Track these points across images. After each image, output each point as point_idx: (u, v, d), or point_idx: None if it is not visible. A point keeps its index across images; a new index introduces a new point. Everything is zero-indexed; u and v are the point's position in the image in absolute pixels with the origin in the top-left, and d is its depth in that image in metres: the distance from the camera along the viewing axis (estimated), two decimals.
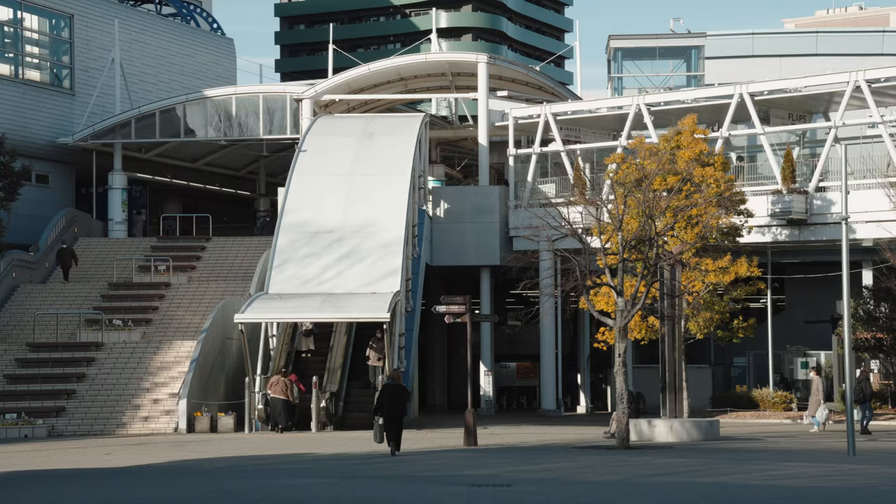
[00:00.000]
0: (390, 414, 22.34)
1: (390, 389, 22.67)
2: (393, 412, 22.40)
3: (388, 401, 22.47)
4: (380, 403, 22.70)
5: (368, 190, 35.72)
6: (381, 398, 22.79)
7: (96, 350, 34.38)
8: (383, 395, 22.67)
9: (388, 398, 22.47)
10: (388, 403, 22.46)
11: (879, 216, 34.78)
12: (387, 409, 22.41)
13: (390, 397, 22.46)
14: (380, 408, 22.60)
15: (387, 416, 22.31)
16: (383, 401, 22.54)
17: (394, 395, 22.49)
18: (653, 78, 49.07)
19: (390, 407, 22.42)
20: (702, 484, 17.92)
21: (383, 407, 22.47)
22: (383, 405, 22.48)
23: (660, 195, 28.43)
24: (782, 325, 44.56)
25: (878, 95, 36.36)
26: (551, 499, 15.60)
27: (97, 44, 47.55)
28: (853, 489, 17.24)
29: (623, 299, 25.59)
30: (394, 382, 22.99)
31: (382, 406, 22.50)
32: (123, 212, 46.29)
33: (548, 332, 41.69)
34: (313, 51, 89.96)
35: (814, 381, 30.96)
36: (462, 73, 44.13)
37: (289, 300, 32.15)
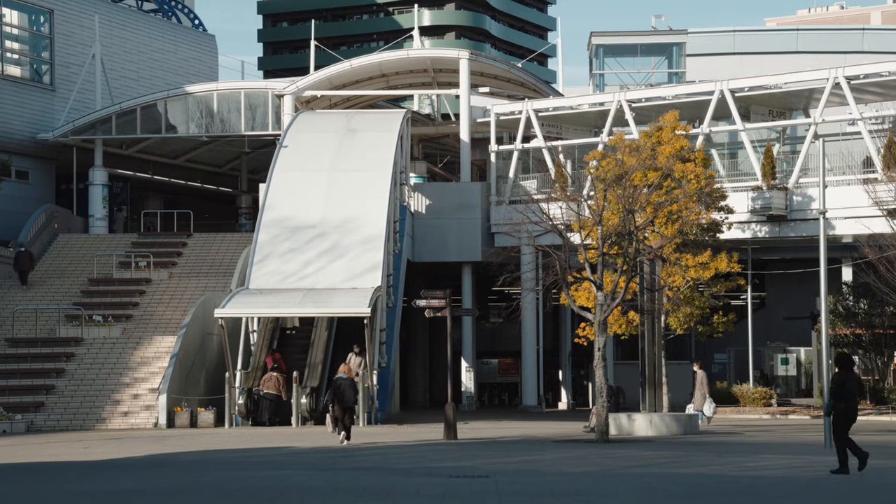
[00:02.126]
0: (341, 405, 23.89)
1: (340, 382, 24.19)
2: (343, 403, 23.93)
3: (338, 393, 24.00)
4: (330, 396, 24.41)
5: (350, 185, 35.70)
6: (331, 391, 24.45)
7: (76, 345, 34.26)
8: (334, 388, 24.30)
9: (338, 391, 24.01)
10: (338, 396, 23.99)
11: (858, 212, 34.95)
12: (337, 400, 23.96)
13: (342, 388, 24.00)
14: (330, 400, 24.31)
15: (338, 408, 23.90)
16: (333, 393, 24.17)
17: (344, 388, 24.04)
18: (634, 75, 49.18)
19: (341, 399, 23.96)
20: (679, 474, 17.99)
21: (334, 399, 24.07)
22: (334, 397, 24.11)
23: (640, 190, 28.49)
24: (762, 321, 44.81)
25: (858, 92, 36.54)
26: (528, 488, 15.63)
27: (77, 39, 47.35)
28: (828, 477, 17.34)
29: (602, 293, 25.65)
30: (344, 377, 24.41)
31: (333, 398, 24.10)
32: (104, 208, 46.11)
33: (529, 329, 41.76)
34: (296, 49, 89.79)
35: (698, 375, 30.94)
36: (444, 69, 44.14)
37: (269, 295, 32.11)
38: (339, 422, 24.04)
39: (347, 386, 24.12)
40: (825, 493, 15.73)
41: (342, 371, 24.77)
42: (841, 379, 17.75)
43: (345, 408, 23.90)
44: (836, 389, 17.77)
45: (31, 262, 39.57)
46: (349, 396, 24.00)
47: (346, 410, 23.96)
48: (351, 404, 24.07)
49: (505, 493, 15.01)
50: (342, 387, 24.05)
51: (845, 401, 17.62)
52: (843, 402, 17.62)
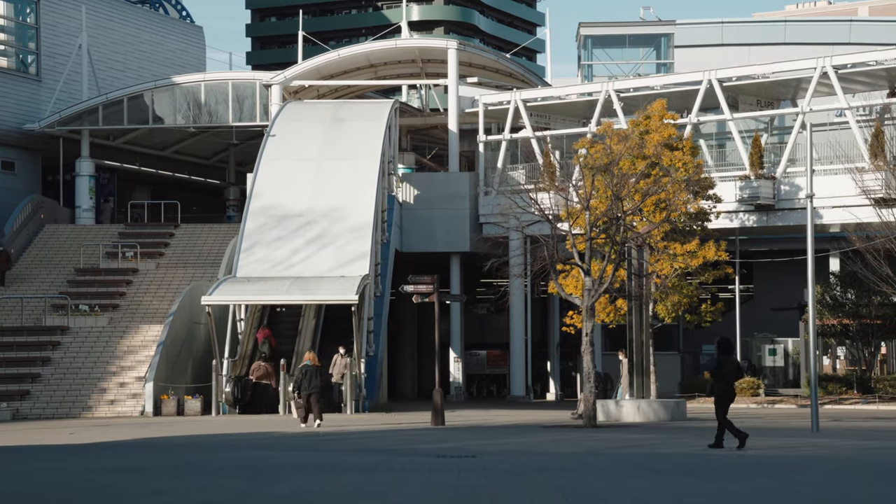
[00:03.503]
0: (308, 390, 24.68)
1: (307, 369, 25.02)
2: (310, 389, 24.72)
3: (305, 379, 24.81)
4: (297, 382, 25.16)
5: (337, 174, 35.62)
6: (299, 377, 25.19)
7: (62, 334, 34.10)
8: (301, 375, 25.08)
9: (305, 377, 24.84)
10: (306, 382, 24.80)
11: (846, 201, 35.00)
12: (304, 386, 24.75)
13: (307, 376, 24.81)
14: (297, 386, 25.12)
15: (305, 394, 24.74)
16: (301, 379, 24.96)
17: (311, 374, 24.88)
18: (623, 66, 49.16)
19: (308, 385, 24.75)
20: (666, 453, 17.98)
21: (301, 385, 24.88)
22: (301, 383, 24.90)
23: (628, 176, 28.47)
24: (750, 312, 44.81)
25: (845, 82, 36.58)
26: (515, 467, 15.58)
27: (64, 29, 47.11)
28: (813, 457, 17.36)
29: (590, 278, 25.61)
30: (310, 364, 25.21)
31: (300, 384, 24.91)
32: (91, 199, 45.91)
33: (517, 320, 41.72)
34: (284, 43, 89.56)
35: (623, 364, 30.80)
36: (432, 59, 44.05)
37: (257, 283, 32.02)
38: (307, 408, 24.83)
39: (313, 373, 24.80)
40: (816, 468, 15.72)
41: (307, 359, 25.47)
42: (720, 362, 18.92)
43: (311, 394, 24.63)
44: (715, 371, 18.91)
45: (9, 262, 38.60)
46: (315, 383, 24.67)
47: (313, 396, 24.67)
48: (317, 390, 24.74)
49: (491, 470, 14.96)
50: (308, 373, 24.75)
51: (724, 382, 18.74)
52: (722, 383, 18.75)
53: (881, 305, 37.84)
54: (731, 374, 18.92)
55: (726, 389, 18.82)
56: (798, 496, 12.09)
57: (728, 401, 18.91)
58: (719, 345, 19.66)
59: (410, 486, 13.13)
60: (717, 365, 19.03)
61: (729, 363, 18.98)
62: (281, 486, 13.21)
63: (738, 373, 19.15)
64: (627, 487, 12.83)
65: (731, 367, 18.92)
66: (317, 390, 24.66)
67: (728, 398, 18.88)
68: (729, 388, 18.85)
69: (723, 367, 18.87)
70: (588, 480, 13.61)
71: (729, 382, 18.80)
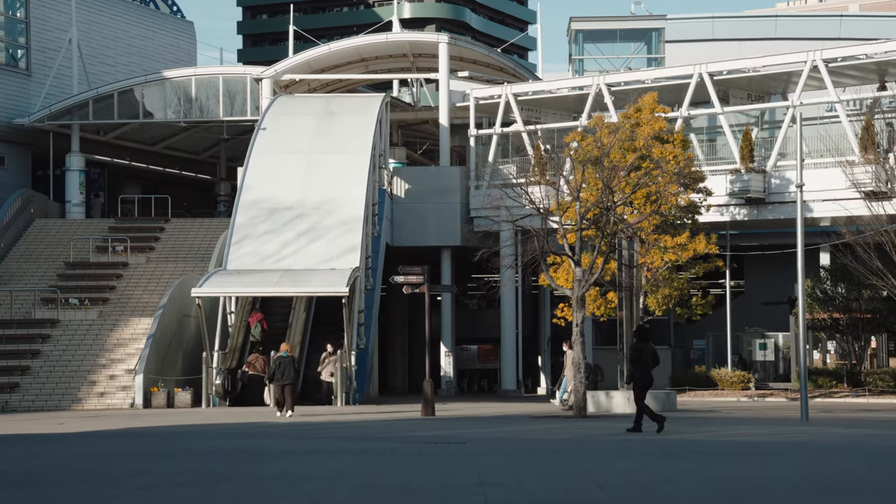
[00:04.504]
0: (281, 381, 25.32)
1: (281, 360, 25.65)
2: (283, 380, 25.36)
3: (279, 370, 25.47)
4: (272, 373, 25.87)
5: (328, 167, 35.57)
6: (273, 368, 25.85)
7: (51, 327, 34.00)
8: (275, 365, 25.72)
9: (279, 368, 25.50)
10: (279, 373, 25.44)
11: (836, 195, 35.05)
12: (278, 377, 25.41)
13: (281, 366, 25.48)
14: (272, 377, 25.93)
15: (279, 384, 25.37)
16: (275, 370, 25.62)
17: (286, 365, 25.54)
18: (614, 60, 49.18)
19: (281, 375, 25.37)
20: (656, 440, 17.98)
21: (274, 375, 25.62)
22: (275, 374, 25.56)
23: (619, 168, 28.48)
24: (741, 307, 44.86)
25: (836, 76, 36.63)
26: (503, 450, 15.59)
27: (54, 24, 46.97)
28: (802, 443, 17.39)
29: (581, 269, 25.61)
30: (285, 355, 25.81)
31: (274, 375, 25.67)
32: (81, 194, 45.73)
33: (508, 314, 41.71)
34: (275, 41, 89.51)
35: (567, 356, 30.64)
36: (423, 53, 44.01)
37: (247, 275, 31.97)
38: (280, 399, 25.45)
39: (287, 364, 25.45)
40: (803, 451, 15.74)
41: (283, 350, 25.98)
42: (637, 349, 19.71)
43: (284, 384, 25.24)
44: (633, 358, 19.74)
45: None
46: (288, 373, 25.29)
47: (286, 387, 25.26)
48: (290, 381, 25.33)
49: (480, 454, 14.97)
50: (281, 364, 25.40)
51: (642, 368, 19.45)
52: (639, 369, 19.48)
53: (871, 300, 37.93)
54: (650, 361, 19.56)
55: (644, 375, 19.49)
56: (782, 475, 12.10)
57: (647, 386, 19.65)
58: (637, 332, 20.40)
59: (400, 467, 13.13)
60: (636, 352, 19.69)
61: (647, 350, 19.63)
62: (269, 467, 13.19)
63: (655, 359, 19.73)
64: (615, 467, 12.83)
65: (648, 354, 19.56)
66: (290, 381, 25.28)
67: (647, 384, 19.60)
68: (647, 374, 19.53)
69: (641, 354, 19.52)
70: (576, 462, 13.61)
71: (647, 368, 19.54)
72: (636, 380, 19.60)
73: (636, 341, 20.09)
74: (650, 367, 19.57)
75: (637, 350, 19.74)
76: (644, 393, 19.56)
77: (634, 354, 19.80)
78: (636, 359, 19.66)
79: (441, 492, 10.50)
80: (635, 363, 19.69)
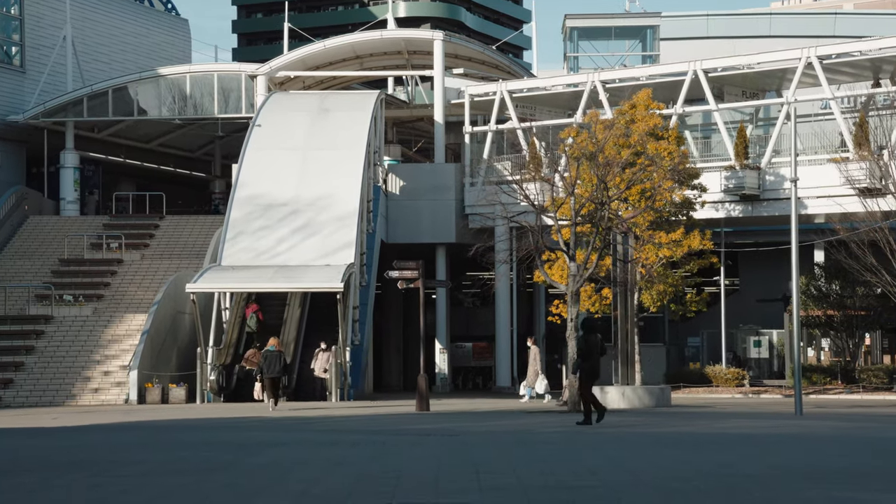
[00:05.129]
0: (269, 375, 26.15)
1: (267, 355, 26.43)
2: (270, 374, 26.20)
3: (266, 364, 26.27)
4: (260, 367, 26.62)
5: (323, 164, 35.56)
6: (261, 362, 26.62)
7: (46, 323, 33.96)
8: (263, 360, 26.52)
9: (266, 362, 26.29)
10: (266, 366, 26.24)
11: (831, 191, 35.08)
12: (266, 371, 26.23)
13: (269, 361, 26.25)
14: (260, 370, 26.66)
15: (267, 377, 26.19)
16: (262, 364, 26.42)
17: (273, 359, 26.31)
18: (608, 58, 49.20)
19: (269, 369, 26.19)
20: (650, 433, 18.00)
21: (263, 369, 26.41)
22: (263, 368, 26.35)
23: (613, 164, 28.50)
24: (736, 305, 44.88)
25: (830, 72, 36.67)
26: (497, 442, 15.60)
27: (48, 21, 46.92)
28: (796, 435, 17.41)
29: (575, 264, 25.63)
30: (273, 349, 26.52)
31: (262, 369, 26.45)
32: (76, 191, 45.69)
33: (503, 312, 41.71)
34: (270, 40, 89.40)
35: (531, 351, 30.59)
36: (418, 51, 44.01)
37: (241, 271, 31.94)
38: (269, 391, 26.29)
39: (274, 358, 26.25)
40: (796, 441, 15.77)
41: (271, 344, 26.74)
42: (586, 341, 19.98)
43: (272, 378, 26.16)
44: (582, 350, 19.96)
45: None
46: (276, 367, 26.13)
47: (274, 380, 26.21)
48: (277, 374, 26.22)
49: (474, 445, 14.98)
50: (269, 359, 26.23)
51: (590, 360, 19.79)
52: (587, 361, 19.79)
53: (865, 297, 37.93)
54: (597, 352, 19.89)
55: (592, 367, 19.85)
56: (776, 463, 12.12)
57: (594, 377, 20.02)
58: (583, 325, 20.55)
59: (393, 456, 13.12)
60: (584, 344, 19.94)
61: (594, 342, 19.93)
62: (261, 457, 13.18)
63: (602, 350, 20.01)
64: (608, 456, 12.84)
65: (596, 346, 19.89)
66: (276, 374, 26.12)
67: (594, 375, 19.99)
68: (594, 366, 19.92)
69: (589, 346, 19.82)
70: (569, 451, 13.61)
71: (594, 360, 19.90)
72: (584, 371, 19.85)
73: (584, 333, 20.29)
74: (598, 359, 19.93)
75: (585, 342, 19.97)
76: (592, 383, 19.91)
77: (583, 346, 20.04)
78: (585, 351, 19.92)
79: (434, 478, 10.50)
80: (583, 355, 19.94)
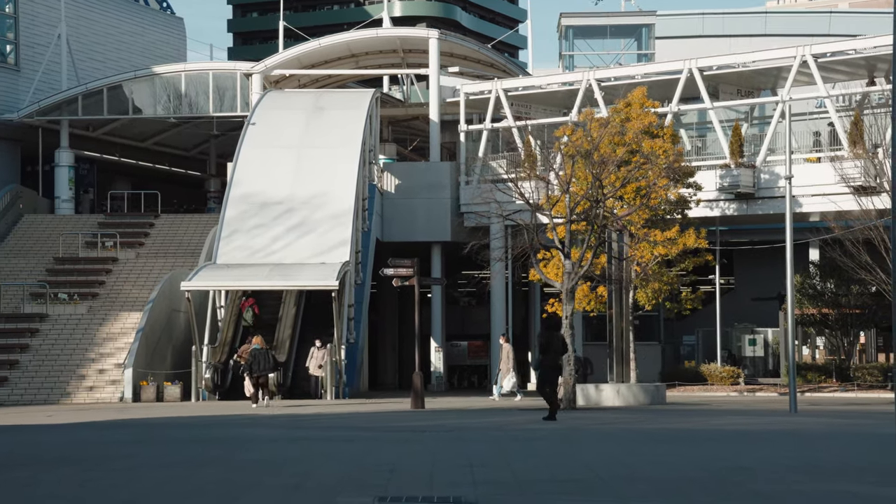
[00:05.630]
0: (257, 373, 26.47)
1: (256, 353, 26.79)
2: (257, 371, 26.52)
3: (255, 363, 26.59)
4: (248, 365, 26.90)
5: (318, 162, 35.54)
6: (249, 361, 26.93)
7: (40, 322, 33.91)
8: (251, 358, 26.84)
9: (255, 360, 26.63)
10: (255, 365, 26.55)
11: (825, 189, 35.11)
12: (255, 369, 26.54)
13: (257, 359, 26.61)
14: (248, 368, 26.89)
15: (255, 376, 26.47)
16: (251, 363, 26.72)
17: (259, 357, 26.65)
18: (604, 56, 49.23)
19: (257, 367, 26.50)
20: (644, 429, 18.00)
21: (251, 368, 26.65)
22: (251, 366, 26.66)
23: (608, 160, 28.49)
24: (731, 303, 44.91)
25: (825, 71, 36.68)
26: (491, 437, 15.58)
27: (43, 19, 46.84)
28: (790, 431, 17.43)
29: (570, 261, 25.63)
30: (258, 347, 26.90)
31: (251, 367, 26.69)
32: (70, 190, 45.59)
33: (498, 310, 41.68)
34: (266, 39, 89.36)
35: (503, 349, 30.46)
36: (413, 49, 43.99)
37: (236, 269, 31.92)
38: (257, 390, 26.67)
39: (261, 356, 26.66)
40: (790, 437, 15.78)
41: (256, 342, 27.10)
42: (546, 338, 20.33)
43: (259, 376, 26.55)
44: (543, 347, 20.26)
45: None
46: (263, 365, 26.50)
47: (261, 378, 26.60)
48: (264, 372, 26.56)
49: (468, 440, 14.96)
50: (256, 357, 26.67)
51: (550, 356, 20.05)
52: (548, 357, 20.04)
53: (860, 295, 37.94)
54: (559, 349, 20.24)
55: (554, 363, 20.15)
56: (770, 457, 12.12)
57: (556, 373, 20.40)
58: (546, 322, 21.09)
59: (387, 451, 13.11)
60: (546, 340, 20.20)
61: (556, 338, 20.27)
62: (254, 453, 13.17)
63: (563, 347, 20.34)
64: (602, 451, 12.84)
65: (558, 342, 20.23)
66: (265, 372, 26.47)
67: (556, 371, 20.38)
68: (556, 362, 20.33)
69: (550, 343, 20.09)
70: (564, 447, 13.61)
71: (556, 356, 20.22)
72: (544, 367, 20.17)
73: (545, 330, 20.62)
74: (559, 356, 20.23)
75: (546, 338, 20.20)
76: (553, 379, 20.18)
77: (544, 343, 20.25)
78: (546, 347, 20.13)
79: (428, 471, 10.49)
80: (544, 351, 20.14)
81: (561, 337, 20.33)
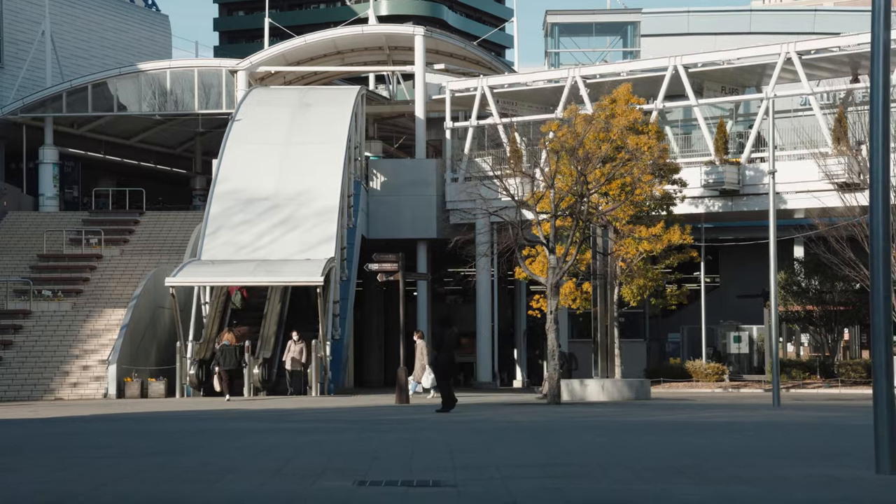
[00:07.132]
0: (225, 367, 27.21)
1: (224, 349, 27.43)
2: (225, 367, 27.27)
3: (222, 358, 27.27)
4: (216, 360, 27.62)
5: (303, 158, 35.49)
6: (217, 356, 27.67)
7: (24, 318, 33.77)
8: (220, 354, 27.55)
9: (222, 356, 27.31)
10: (222, 360, 27.25)
11: (809, 186, 35.22)
12: (222, 363, 27.23)
13: (225, 355, 27.29)
14: (217, 362, 27.53)
15: (223, 370, 27.21)
16: (219, 358, 27.45)
17: (228, 353, 27.33)
18: (589, 54, 49.30)
19: (224, 362, 27.24)
20: (628, 421, 18.02)
21: (220, 362, 27.35)
22: (219, 361, 27.37)
23: (593, 156, 28.52)
24: (716, 301, 45.06)
25: (809, 68, 36.81)
26: (475, 427, 15.58)
27: (27, 16, 46.68)
28: (772, 423, 17.47)
29: (555, 256, 25.64)
30: (227, 344, 27.47)
31: (219, 361, 27.40)
32: (55, 187, 45.45)
33: (484, 306, 41.70)
34: (252, 38, 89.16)
35: (418, 346, 30.50)
36: (399, 46, 43.97)
37: (221, 265, 31.83)
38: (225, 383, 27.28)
39: (230, 352, 27.38)
40: (771, 427, 15.82)
41: (225, 338, 27.72)
42: (442, 335, 20.98)
43: (228, 370, 27.36)
44: (438, 343, 21.02)
45: None
46: (229, 360, 27.31)
47: (229, 373, 27.47)
48: (233, 367, 27.45)
49: (451, 431, 14.96)
50: (224, 353, 27.36)
51: (445, 352, 20.72)
52: (443, 353, 20.73)
53: (844, 292, 38.08)
54: (453, 344, 21.00)
55: (450, 358, 20.84)
56: (751, 444, 12.15)
57: (452, 368, 21.07)
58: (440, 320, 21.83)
59: (369, 440, 13.09)
60: (441, 337, 20.90)
61: (450, 335, 20.93)
62: (237, 441, 13.13)
63: (457, 343, 21.10)
64: (585, 439, 12.84)
65: (452, 338, 20.95)
66: (230, 367, 27.22)
67: (453, 366, 21.08)
68: (452, 357, 20.96)
69: (445, 339, 20.77)
70: (546, 436, 13.62)
71: (451, 352, 20.89)
72: (440, 363, 20.86)
73: (439, 327, 21.15)
74: (454, 351, 20.98)
75: (442, 335, 20.83)
76: (448, 374, 20.85)
77: (439, 339, 20.92)
78: (440, 343, 20.80)
79: (409, 456, 10.47)
80: (438, 347, 20.80)
81: (455, 332, 21.10)
